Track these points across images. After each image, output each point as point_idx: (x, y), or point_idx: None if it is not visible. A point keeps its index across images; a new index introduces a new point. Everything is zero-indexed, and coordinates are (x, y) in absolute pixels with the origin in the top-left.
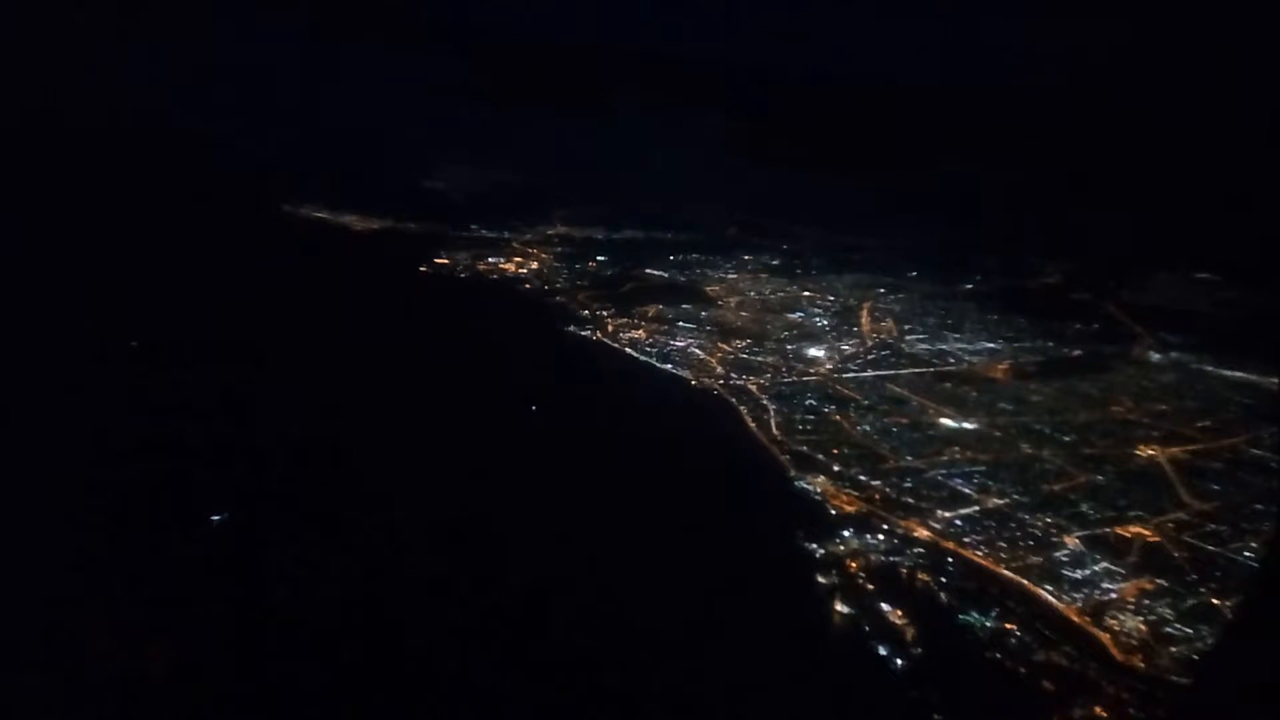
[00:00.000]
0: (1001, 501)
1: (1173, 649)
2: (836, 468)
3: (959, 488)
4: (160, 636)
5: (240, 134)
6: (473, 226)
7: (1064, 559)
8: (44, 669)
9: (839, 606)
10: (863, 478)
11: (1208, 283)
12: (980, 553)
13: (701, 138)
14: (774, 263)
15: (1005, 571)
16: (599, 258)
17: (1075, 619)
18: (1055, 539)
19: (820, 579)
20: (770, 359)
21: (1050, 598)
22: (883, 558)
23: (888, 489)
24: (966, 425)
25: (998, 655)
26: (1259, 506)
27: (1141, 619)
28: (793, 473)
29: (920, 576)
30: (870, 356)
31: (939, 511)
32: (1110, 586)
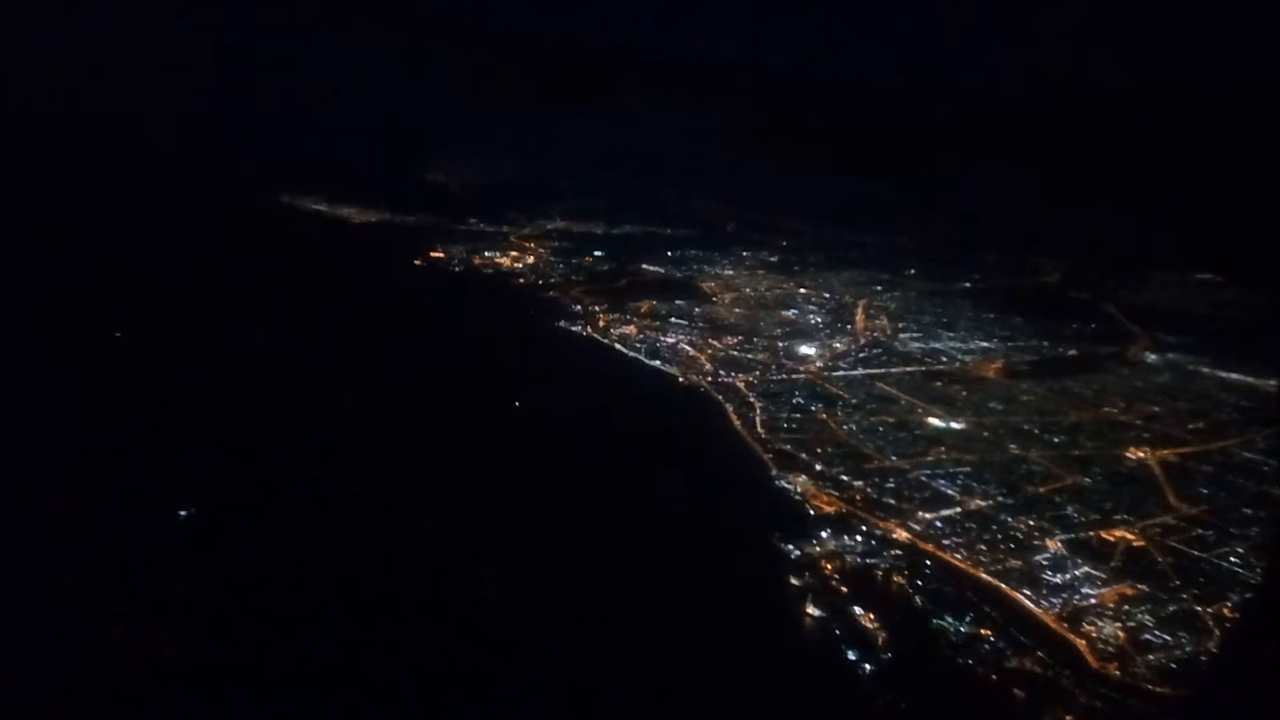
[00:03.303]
0: (984, 503)
1: (1150, 656)
2: (819, 467)
3: (942, 488)
4: (157, 632)
5: (241, 126)
6: (471, 220)
7: (1044, 562)
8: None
9: (810, 609)
10: (845, 477)
11: (1209, 283)
12: (959, 555)
13: (704, 135)
14: (772, 259)
15: (983, 575)
16: (596, 253)
17: (1052, 624)
18: (1037, 542)
19: (794, 581)
20: (761, 356)
21: (1028, 602)
22: (859, 560)
23: (869, 489)
24: (954, 425)
25: (969, 661)
26: (1247, 511)
27: (1120, 625)
28: (774, 472)
29: (896, 579)
30: (862, 354)
31: (920, 513)
32: (1090, 591)
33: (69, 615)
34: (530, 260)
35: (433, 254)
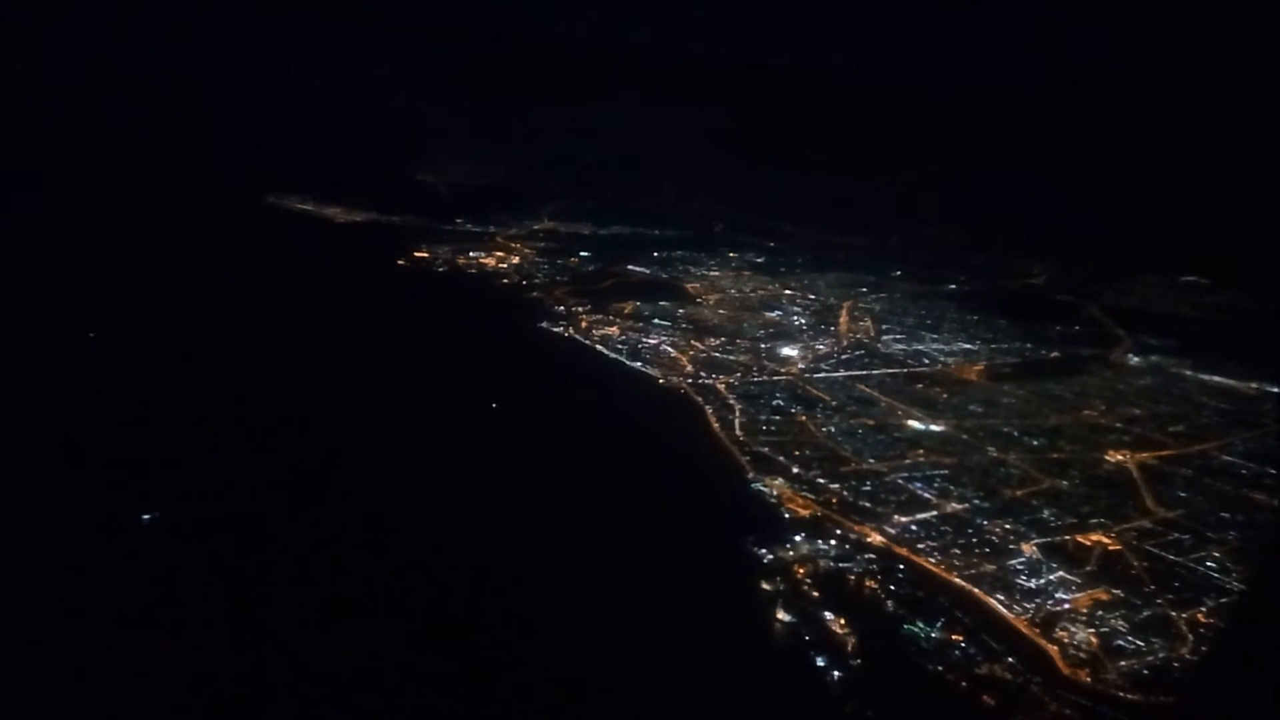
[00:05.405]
0: (961, 506)
1: (1121, 663)
2: (796, 470)
3: (919, 492)
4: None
5: (228, 124)
6: (458, 220)
7: (1019, 567)
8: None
9: (781, 615)
10: (821, 480)
11: (1194, 286)
12: (933, 560)
13: (695, 135)
14: (758, 260)
15: (956, 579)
16: (582, 253)
17: (1024, 630)
18: (1012, 546)
19: (765, 585)
20: (742, 358)
21: (1000, 608)
22: (832, 564)
23: (845, 492)
24: (934, 427)
25: (939, 667)
26: (1225, 515)
27: (1093, 631)
28: (751, 475)
29: (868, 584)
30: (844, 356)
31: (895, 516)
32: (1064, 596)
33: (63, 616)
34: (515, 261)
35: (417, 254)
